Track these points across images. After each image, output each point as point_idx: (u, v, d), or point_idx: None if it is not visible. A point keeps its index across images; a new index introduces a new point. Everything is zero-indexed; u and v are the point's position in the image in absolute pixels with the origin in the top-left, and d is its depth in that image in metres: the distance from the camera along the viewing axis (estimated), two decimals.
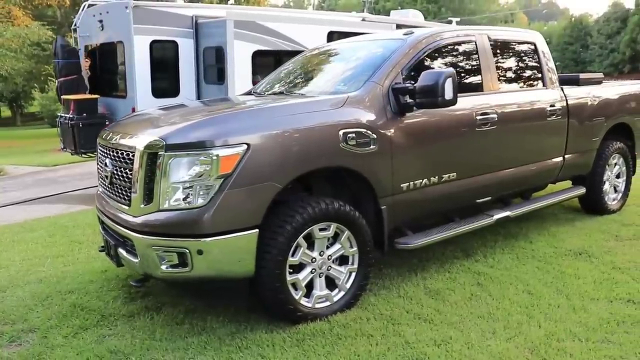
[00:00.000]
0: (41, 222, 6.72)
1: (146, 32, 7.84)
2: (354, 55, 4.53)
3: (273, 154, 3.20)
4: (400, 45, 4.11)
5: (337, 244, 3.58)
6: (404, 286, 4.06)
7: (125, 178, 3.41)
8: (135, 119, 4.02)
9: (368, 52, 4.39)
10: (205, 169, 3.08)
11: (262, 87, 4.81)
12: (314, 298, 3.52)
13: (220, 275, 3.22)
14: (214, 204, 3.06)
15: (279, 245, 3.26)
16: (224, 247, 3.12)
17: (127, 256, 3.42)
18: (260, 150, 3.16)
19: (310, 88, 4.41)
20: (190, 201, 3.10)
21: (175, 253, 3.14)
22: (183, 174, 3.11)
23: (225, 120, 3.32)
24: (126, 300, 3.99)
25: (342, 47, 4.81)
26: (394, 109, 3.78)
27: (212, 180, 3.07)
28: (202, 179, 3.08)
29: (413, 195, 3.93)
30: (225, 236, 3.10)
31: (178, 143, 3.13)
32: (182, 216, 3.10)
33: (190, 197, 3.10)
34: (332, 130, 3.44)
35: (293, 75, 4.75)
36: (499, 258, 4.64)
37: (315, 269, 3.50)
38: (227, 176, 3.07)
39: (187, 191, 3.10)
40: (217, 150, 3.06)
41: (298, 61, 4.99)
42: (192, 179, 3.09)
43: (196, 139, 3.11)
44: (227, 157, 3.07)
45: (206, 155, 3.07)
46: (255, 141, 3.15)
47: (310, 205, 3.37)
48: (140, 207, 3.24)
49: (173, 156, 3.11)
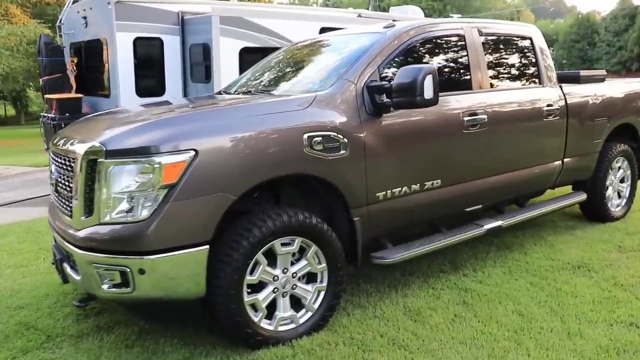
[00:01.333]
0: (15, 227, 6.42)
1: (129, 28, 7.54)
2: (333, 51, 4.17)
3: (225, 161, 2.85)
4: (379, 39, 3.75)
5: (303, 260, 3.23)
6: (382, 305, 3.70)
7: (68, 187, 3.09)
8: (85, 122, 3.69)
9: (345, 47, 4.03)
10: (148, 178, 2.74)
11: (234, 86, 4.46)
12: (276, 320, 3.17)
13: (168, 297, 2.88)
14: (157, 217, 2.72)
15: (234, 263, 2.91)
16: (170, 265, 2.77)
17: (71, 273, 3.10)
18: (211, 157, 2.81)
19: (283, 87, 4.06)
20: (132, 214, 2.76)
21: (117, 271, 2.81)
22: (125, 183, 2.77)
23: (171, 124, 2.97)
24: (79, 318, 3.66)
25: (321, 43, 4.44)
26: (369, 110, 3.42)
27: (156, 190, 2.73)
28: (144, 189, 2.74)
29: (391, 204, 3.57)
30: (170, 253, 2.76)
31: (118, 149, 2.79)
32: (122, 231, 2.76)
33: (132, 209, 2.76)
34: (295, 133, 3.09)
35: (267, 74, 4.39)
36: (490, 272, 4.27)
37: (277, 288, 3.15)
38: (172, 186, 2.73)
39: (129, 202, 2.77)
40: (160, 157, 2.72)
41: (274, 58, 4.63)
42: (134, 189, 2.75)
43: (138, 144, 2.78)
44: (172, 165, 2.73)
45: (148, 162, 2.73)
46: (204, 147, 2.80)
47: (270, 218, 3.02)
48: (81, 220, 2.91)
49: (113, 164, 2.78)
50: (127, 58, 7.58)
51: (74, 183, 2.97)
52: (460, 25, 4.21)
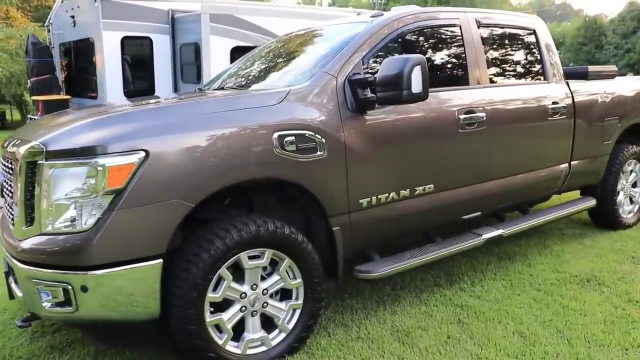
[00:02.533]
0: None
1: (117, 27, 7.25)
2: (316, 43, 3.83)
3: (181, 163, 2.50)
4: (364, 29, 3.40)
5: (275, 275, 2.88)
6: (368, 324, 3.34)
7: (10, 192, 2.77)
8: (38, 121, 3.38)
9: (329, 38, 3.69)
10: (91, 183, 2.40)
11: (213, 83, 4.13)
12: (244, 342, 2.81)
13: (116, 318, 2.52)
14: (101, 227, 2.38)
15: (193, 279, 2.56)
16: (118, 282, 2.43)
17: (15, 289, 2.77)
18: (163, 158, 2.46)
19: (262, 82, 3.71)
20: (74, 224, 2.42)
21: (60, 288, 2.47)
22: (67, 188, 2.43)
23: (118, 121, 2.62)
24: (34, 336, 3.32)
25: (305, 34, 4.08)
26: (351, 106, 3.07)
27: (100, 197, 2.39)
28: (88, 195, 2.40)
29: (376, 212, 3.21)
30: (117, 268, 2.41)
31: (60, 150, 2.45)
32: (64, 242, 2.42)
33: (74, 218, 2.42)
34: (263, 132, 2.73)
35: (246, 69, 4.04)
36: (489, 286, 3.89)
37: (246, 306, 2.80)
38: (118, 192, 2.39)
39: (71, 211, 2.43)
40: (104, 158, 2.38)
41: (256, 52, 4.29)
42: (76, 195, 2.41)
43: (81, 144, 2.44)
44: (118, 168, 2.39)
45: (91, 165, 2.39)
46: (156, 147, 2.45)
47: (234, 227, 2.67)
48: (22, 229, 2.57)
49: (54, 166, 2.44)
50: (115, 58, 7.30)
51: (15, 188, 2.65)
52: (456, 15, 3.84)
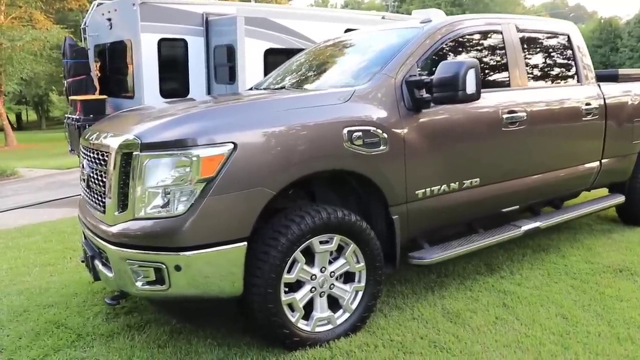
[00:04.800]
0: (40, 227, 6.42)
1: (154, 29, 7.53)
2: (367, 46, 4.07)
3: (264, 155, 2.76)
4: (417, 34, 3.65)
5: (341, 259, 3.13)
6: (419, 306, 3.58)
7: (100, 182, 3.02)
8: (118, 116, 3.64)
9: (382, 42, 3.93)
10: (184, 172, 2.66)
11: (266, 82, 4.39)
12: (313, 321, 3.06)
13: (203, 295, 2.79)
14: (193, 212, 2.63)
15: (272, 261, 2.82)
16: (207, 262, 2.69)
17: (103, 269, 3.02)
18: (249, 150, 2.72)
19: (317, 83, 3.96)
20: (168, 209, 2.68)
21: (152, 268, 2.73)
22: (161, 177, 2.69)
23: (208, 116, 2.89)
24: (108, 316, 3.59)
25: (355, 39, 4.35)
26: (408, 105, 3.32)
27: (193, 185, 2.65)
28: (181, 183, 2.66)
29: (430, 203, 3.46)
30: (207, 250, 2.67)
31: (154, 142, 2.71)
32: (158, 226, 2.68)
33: (168, 204, 2.69)
34: (335, 127, 2.99)
35: (300, 70, 4.31)
36: (527, 274, 4.12)
37: (315, 287, 3.05)
38: (209, 180, 2.65)
39: (166, 197, 2.69)
40: (197, 150, 2.64)
41: (306, 54, 4.55)
42: (171, 183, 2.68)
43: (174, 137, 2.70)
44: (210, 158, 2.65)
45: (185, 155, 2.65)
46: (243, 140, 2.71)
47: (308, 214, 2.93)
48: (115, 215, 2.84)
49: (149, 157, 2.70)
50: (152, 59, 7.57)
51: (107, 178, 2.91)
52: (498, 21, 4.10)
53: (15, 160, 13.31)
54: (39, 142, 21.19)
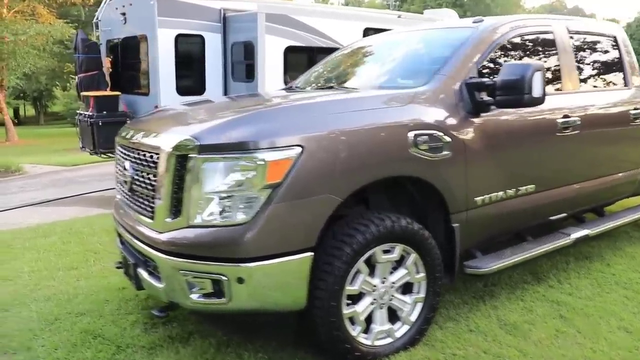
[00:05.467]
0: (55, 227, 6.20)
1: (171, 25, 7.32)
2: (414, 45, 3.91)
3: (332, 159, 2.59)
4: (471, 34, 3.49)
5: (402, 269, 2.96)
6: (474, 318, 3.43)
7: (149, 185, 2.83)
8: (161, 115, 3.45)
9: (431, 42, 3.78)
10: (248, 177, 2.48)
11: (304, 82, 4.21)
12: (373, 334, 2.90)
13: (264, 308, 2.61)
14: (258, 220, 2.46)
15: (336, 272, 2.65)
16: (270, 274, 2.51)
17: (149, 279, 2.84)
18: (317, 154, 2.55)
19: (364, 82, 3.78)
20: (228, 216, 2.51)
21: (209, 280, 2.55)
22: (220, 182, 2.51)
23: (273, 116, 2.72)
24: (147, 327, 3.40)
25: (398, 37, 4.18)
26: (468, 108, 3.16)
27: (257, 190, 2.47)
28: (244, 189, 2.48)
29: (488, 210, 3.30)
30: (271, 261, 2.49)
31: (214, 144, 2.53)
32: (217, 235, 2.51)
33: (228, 211, 2.51)
34: (401, 131, 2.83)
35: (342, 68, 4.14)
36: (576, 284, 3.98)
37: (376, 299, 2.88)
38: (275, 186, 2.47)
39: (225, 204, 2.51)
40: (264, 153, 2.47)
41: (347, 52, 4.38)
42: (231, 188, 2.50)
43: (237, 138, 2.51)
44: (277, 163, 2.47)
45: (250, 159, 2.47)
46: (310, 143, 2.54)
47: (372, 223, 2.76)
48: (166, 222, 2.66)
49: (207, 160, 2.52)
50: (169, 55, 7.37)
51: (158, 181, 2.72)
52: (549, 22, 3.94)
53: (17, 155, 13.03)
54: (40, 137, 20.88)
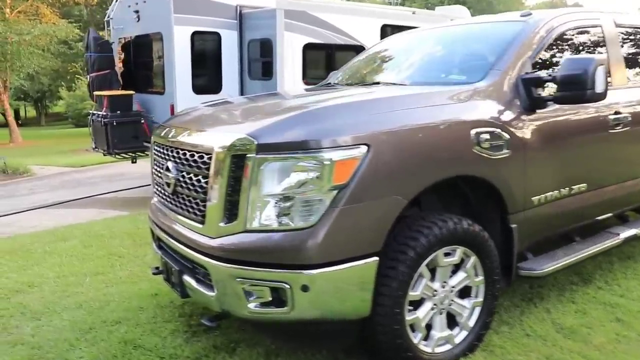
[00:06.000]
0: (74, 230, 6.07)
1: (187, 22, 7.17)
2: (459, 40, 3.77)
3: (398, 158, 2.46)
4: (523, 28, 3.35)
5: (461, 272, 2.83)
6: (528, 321, 3.30)
7: (198, 187, 2.68)
8: (203, 113, 3.30)
9: (478, 36, 3.65)
10: (312, 178, 2.34)
11: (342, 78, 4.07)
12: (434, 341, 2.77)
13: (325, 317, 2.47)
14: (324, 224, 2.32)
15: (400, 277, 2.52)
16: (336, 281, 2.38)
17: (198, 287, 2.70)
18: (384, 153, 2.42)
19: (411, 78, 3.58)
20: (289, 220, 2.37)
21: (268, 288, 2.42)
22: (281, 184, 2.38)
23: (334, 113, 2.57)
24: (188, 336, 3.26)
25: (440, 32, 4.05)
26: (524, 104, 3.03)
27: (322, 193, 2.33)
28: (308, 191, 2.34)
29: (544, 210, 3.18)
30: (337, 267, 2.36)
31: (274, 142, 2.39)
32: (280, 240, 2.37)
33: (290, 214, 2.37)
34: (464, 129, 2.70)
35: (383, 64, 4.00)
36: (625, 285, 3.85)
37: (436, 304, 2.75)
38: (342, 187, 2.33)
39: (286, 207, 2.37)
40: (330, 152, 2.33)
41: (384, 47, 4.24)
42: (293, 190, 2.36)
43: (299, 137, 2.37)
44: (343, 163, 2.34)
45: (315, 159, 2.33)
46: (377, 141, 2.41)
47: (436, 225, 2.63)
48: (219, 226, 2.52)
49: (267, 160, 2.38)
50: (185, 53, 7.22)
51: (209, 183, 2.57)
52: (597, 15, 3.81)
53: (24, 157, 12.86)
54: (43, 138, 20.67)
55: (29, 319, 3.62)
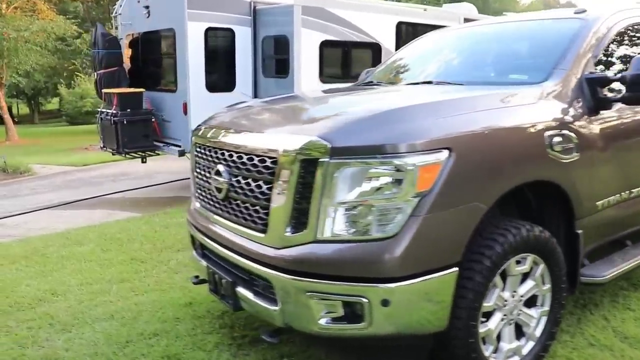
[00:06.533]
0: (88, 233, 5.86)
1: (201, 18, 6.98)
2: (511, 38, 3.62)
3: (480, 162, 2.34)
4: (582, 25, 3.21)
5: (530, 281, 2.70)
6: (588, 330, 3.18)
7: (258, 193, 2.51)
8: (254, 112, 3.13)
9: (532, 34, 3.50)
10: (392, 185, 2.19)
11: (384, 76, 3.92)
12: (503, 353, 2.64)
13: (400, 332, 2.32)
14: (406, 234, 2.17)
15: (477, 287, 2.38)
16: (416, 294, 2.24)
17: (256, 300, 2.53)
18: (465, 157, 2.28)
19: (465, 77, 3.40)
20: (365, 230, 2.22)
21: (341, 302, 2.27)
22: (357, 190, 2.22)
23: (413, 114, 2.41)
24: (234, 350, 3.10)
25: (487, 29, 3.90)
26: (589, 105, 2.90)
27: (404, 200, 2.18)
28: (387, 198, 2.20)
29: (606, 214, 3.06)
30: (419, 279, 2.21)
31: (350, 146, 2.23)
32: (357, 251, 2.22)
33: (365, 224, 2.22)
34: (538, 131, 2.58)
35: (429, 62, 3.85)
36: None
37: (506, 314, 2.62)
38: (424, 195, 2.19)
39: (361, 216, 2.22)
40: (412, 157, 2.18)
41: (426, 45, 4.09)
42: (371, 198, 2.21)
43: (378, 140, 2.21)
44: (427, 168, 2.19)
45: (395, 164, 2.18)
46: (458, 144, 2.27)
47: (509, 232, 2.50)
48: (284, 236, 2.36)
49: (342, 165, 2.23)
50: (198, 50, 7.03)
51: (274, 188, 2.41)
52: None
53: (23, 155, 12.52)
54: (38, 136, 20.26)
55: (58, 330, 3.44)
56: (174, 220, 6.27)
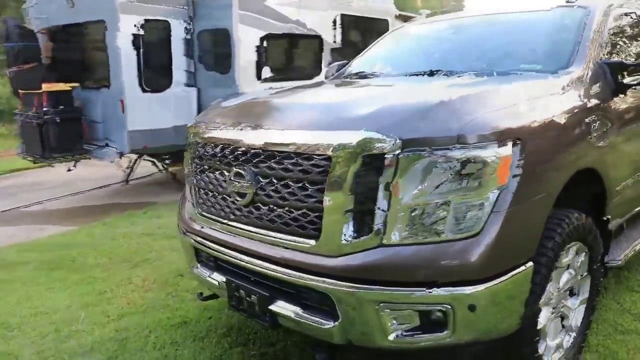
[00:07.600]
0: (22, 252, 5.13)
1: (134, 10, 6.38)
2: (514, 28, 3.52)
3: (547, 152, 2.24)
4: (585, 13, 3.21)
5: (570, 270, 2.63)
6: (608, 316, 3.19)
7: (303, 196, 2.20)
8: (273, 104, 2.82)
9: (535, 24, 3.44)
10: (471, 179, 2.00)
11: (380, 66, 3.73)
12: (551, 349, 2.55)
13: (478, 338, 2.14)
14: (488, 231, 2.00)
15: (542, 281, 2.27)
16: (500, 295, 2.07)
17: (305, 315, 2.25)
18: (535, 147, 2.17)
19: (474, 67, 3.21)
20: (442, 230, 2.01)
21: (417, 312, 2.05)
22: (430, 187, 2.01)
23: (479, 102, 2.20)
24: None
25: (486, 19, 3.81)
26: (611, 89, 2.91)
27: (483, 196, 2.01)
28: (464, 194, 2.01)
29: (625, 197, 3.10)
30: (501, 279, 2.04)
31: (421, 138, 2.02)
32: (436, 254, 2.01)
33: (442, 223, 2.01)
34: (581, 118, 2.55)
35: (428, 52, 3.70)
36: None
37: (554, 308, 2.54)
38: (503, 188, 2.03)
39: (437, 215, 2.02)
40: (491, 148, 2.01)
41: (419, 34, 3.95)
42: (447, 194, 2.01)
43: (452, 130, 2.01)
44: (505, 160, 2.03)
45: (474, 157, 2.00)
46: (527, 135, 2.14)
47: (563, 221, 2.40)
48: (343, 242, 2.10)
49: (414, 159, 2.01)
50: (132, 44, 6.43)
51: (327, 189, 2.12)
52: None
53: None
54: None
55: None
56: (120, 231, 5.69)
